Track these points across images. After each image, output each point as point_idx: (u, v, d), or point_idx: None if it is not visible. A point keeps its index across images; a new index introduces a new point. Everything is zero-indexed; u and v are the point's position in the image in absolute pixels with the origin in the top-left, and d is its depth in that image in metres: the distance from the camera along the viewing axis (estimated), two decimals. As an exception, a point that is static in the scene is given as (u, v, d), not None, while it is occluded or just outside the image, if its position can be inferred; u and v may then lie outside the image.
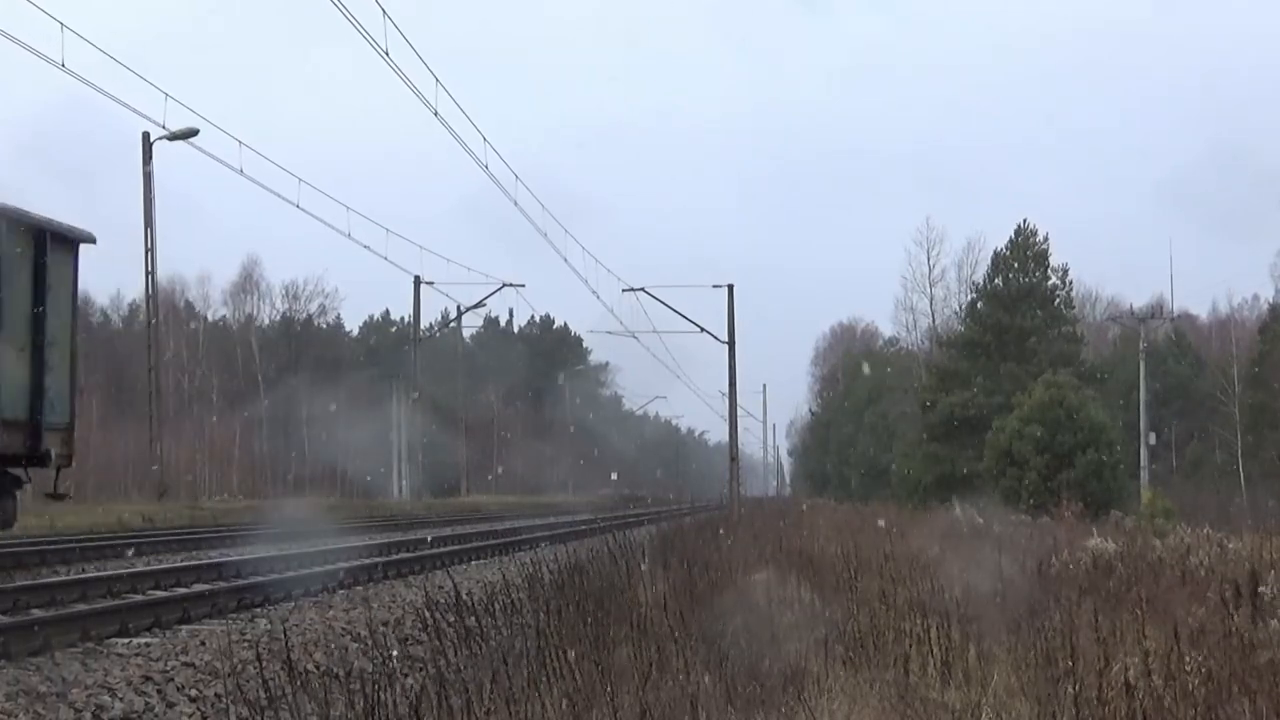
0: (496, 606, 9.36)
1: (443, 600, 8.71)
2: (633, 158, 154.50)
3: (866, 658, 6.80)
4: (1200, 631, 6.96)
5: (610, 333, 47.16)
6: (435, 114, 21.90)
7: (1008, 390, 43.21)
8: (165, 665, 8.52)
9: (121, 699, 7.38)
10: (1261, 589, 7.35)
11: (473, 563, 19.25)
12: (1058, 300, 49.15)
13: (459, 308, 54.25)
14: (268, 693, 5.67)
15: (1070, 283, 50.31)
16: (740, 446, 51.48)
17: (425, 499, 54.64)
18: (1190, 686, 5.55)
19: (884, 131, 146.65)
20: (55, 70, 22.22)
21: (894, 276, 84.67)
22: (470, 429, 77.21)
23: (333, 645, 9.65)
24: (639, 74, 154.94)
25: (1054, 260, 48.99)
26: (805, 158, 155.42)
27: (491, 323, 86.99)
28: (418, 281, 50.61)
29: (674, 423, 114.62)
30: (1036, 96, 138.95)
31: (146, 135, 35.02)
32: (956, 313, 56.78)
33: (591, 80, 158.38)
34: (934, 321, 59.75)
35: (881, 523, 18.81)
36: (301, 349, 73.76)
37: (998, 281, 49.56)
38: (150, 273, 36.53)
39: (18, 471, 15.38)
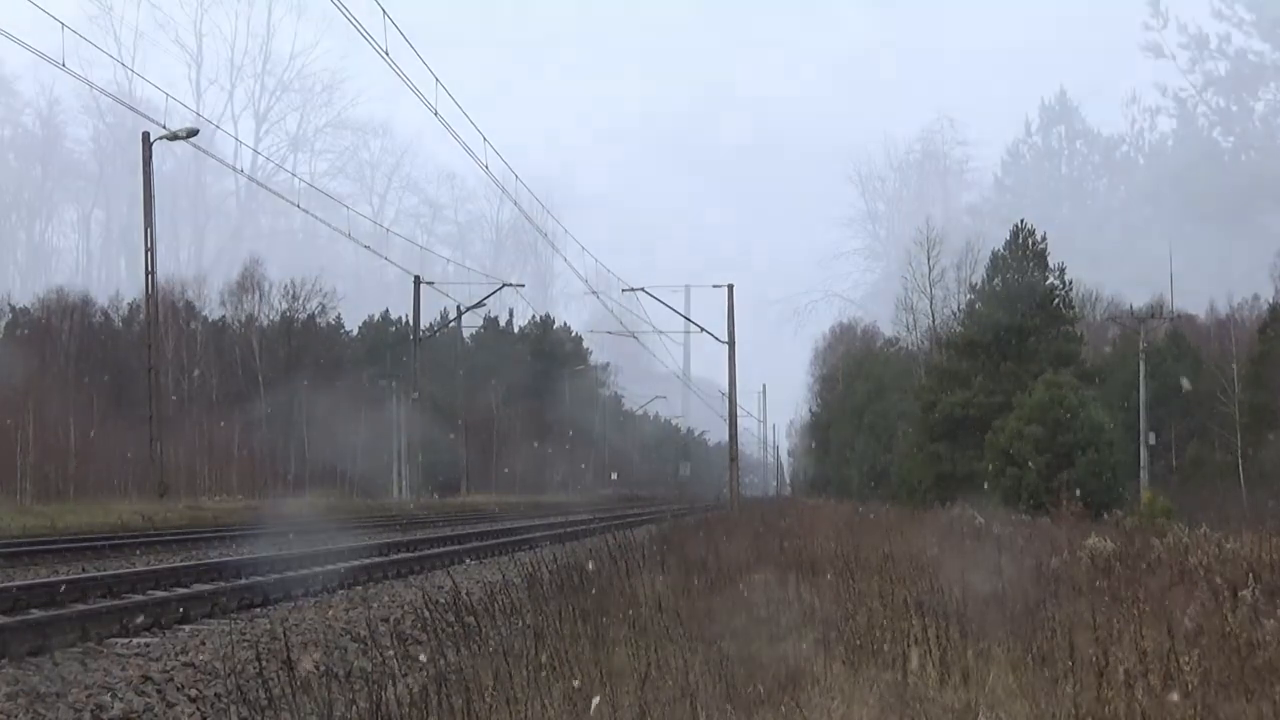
0: (496, 606, 9.37)
1: (442, 600, 8.72)
2: (633, 157, 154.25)
3: (865, 657, 6.80)
4: (1198, 631, 6.97)
5: (610, 333, 47.22)
6: (435, 114, 21.97)
7: (1008, 390, 43.15)
8: (165, 665, 8.53)
9: (121, 699, 7.38)
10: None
11: (472, 563, 19.26)
12: (1057, 300, 49.07)
13: (459, 308, 54.35)
14: (268, 693, 5.69)
15: (1069, 283, 50.26)
16: (740, 447, 51.52)
17: (425, 499, 54.66)
18: (1189, 686, 5.56)
19: (884, 130, 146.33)
20: (55, 70, 22.32)
21: (894, 277, 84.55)
22: (470, 429, 77.11)
23: (333, 645, 9.65)
24: (639, 74, 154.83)
25: (1053, 260, 48.99)
26: (805, 157, 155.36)
27: (491, 323, 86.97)
28: (418, 281, 50.68)
29: (674, 423, 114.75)
30: (1036, 96, 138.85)
31: (146, 135, 35.10)
32: (955, 314, 56.74)
33: (591, 80, 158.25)
34: (934, 322, 59.73)
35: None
36: (301, 349, 73.61)
37: (997, 282, 49.51)
38: (150, 273, 36.56)
39: None
